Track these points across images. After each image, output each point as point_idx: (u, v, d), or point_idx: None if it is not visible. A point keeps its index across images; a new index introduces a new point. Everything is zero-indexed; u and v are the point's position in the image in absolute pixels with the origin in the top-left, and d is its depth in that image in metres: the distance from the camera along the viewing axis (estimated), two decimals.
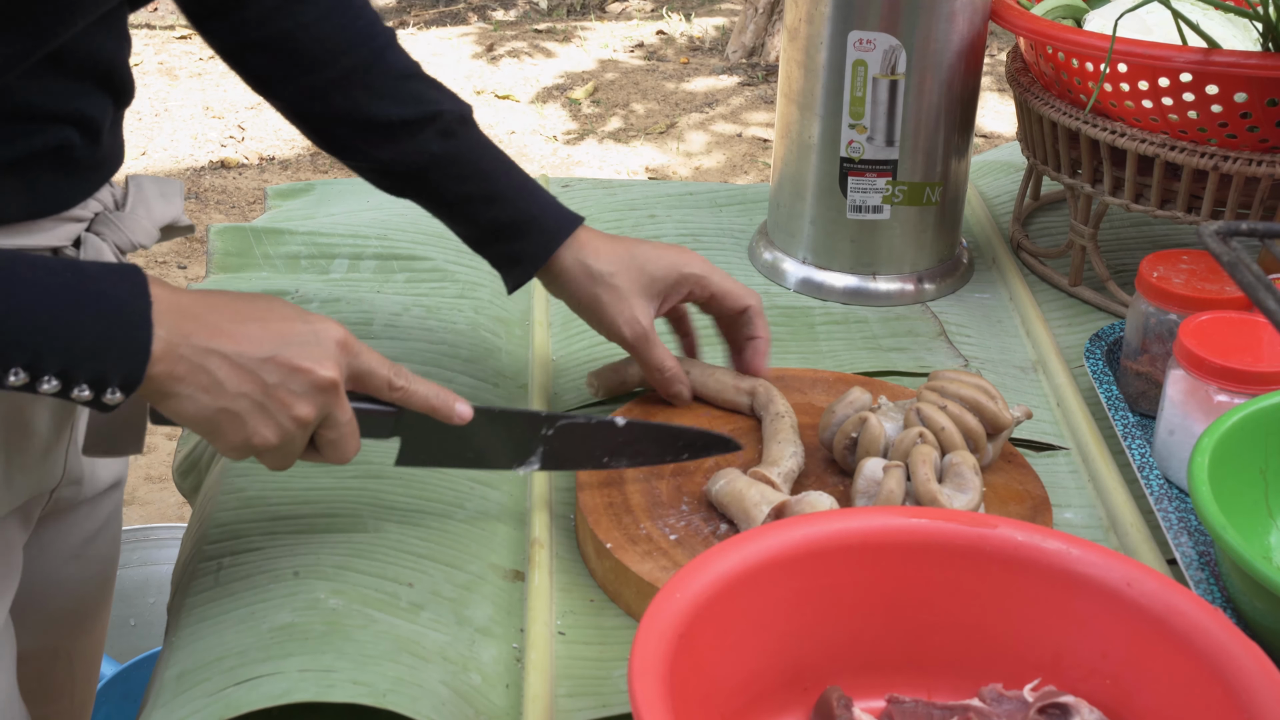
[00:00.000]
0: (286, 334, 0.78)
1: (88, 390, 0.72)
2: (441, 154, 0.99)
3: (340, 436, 0.82)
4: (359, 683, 0.79)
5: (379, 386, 0.83)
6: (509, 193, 1.00)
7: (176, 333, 0.74)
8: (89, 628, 1.13)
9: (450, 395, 0.86)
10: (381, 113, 0.98)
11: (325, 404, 0.79)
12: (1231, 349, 0.98)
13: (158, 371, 0.73)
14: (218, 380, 0.76)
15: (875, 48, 1.19)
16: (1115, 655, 0.74)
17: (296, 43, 0.97)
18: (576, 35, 5.19)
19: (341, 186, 1.46)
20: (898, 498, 0.90)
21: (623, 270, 1.01)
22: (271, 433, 0.78)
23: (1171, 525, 0.94)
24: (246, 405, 0.77)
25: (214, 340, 0.75)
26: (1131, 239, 1.40)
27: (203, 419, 0.77)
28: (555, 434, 0.92)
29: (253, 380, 0.77)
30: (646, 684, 0.64)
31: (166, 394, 0.75)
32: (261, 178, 3.96)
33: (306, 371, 0.78)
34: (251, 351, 0.76)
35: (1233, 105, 1.10)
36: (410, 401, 0.85)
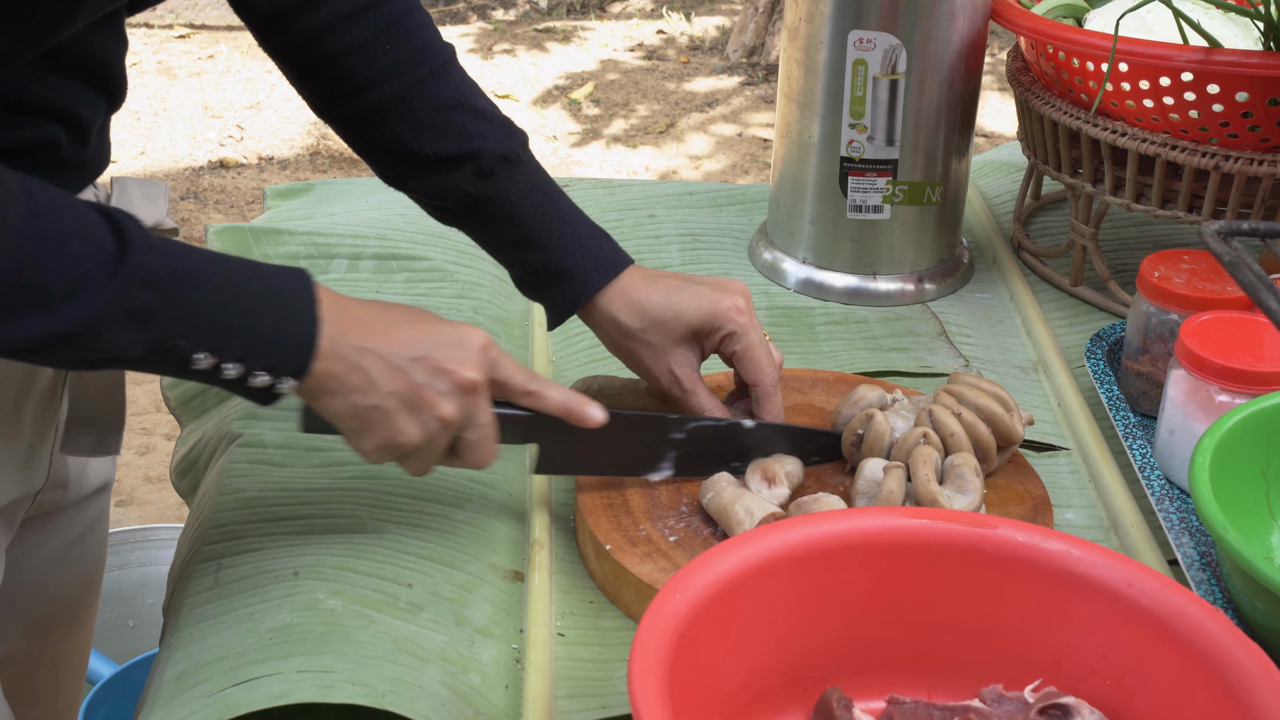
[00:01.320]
0: (434, 336, 0.81)
1: (266, 376, 0.75)
2: (477, 195, 0.97)
3: (481, 439, 0.84)
4: (358, 683, 0.79)
5: (515, 392, 0.86)
6: (544, 240, 0.97)
7: (337, 331, 0.78)
8: (74, 632, 1.12)
9: (584, 400, 0.87)
10: (419, 146, 0.96)
11: (468, 405, 0.82)
12: (1233, 349, 0.97)
13: (320, 367, 0.77)
14: (371, 378, 0.79)
15: (875, 47, 1.19)
16: (1116, 656, 0.74)
17: (343, 66, 0.95)
18: (576, 35, 5.18)
19: (341, 186, 1.46)
20: (898, 498, 0.89)
21: (654, 325, 0.97)
22: (416, 431, 0.81)
23: (1172, 526, 0.93)
24: (396, 403, 0.80)
25: (369, 340, 0.79)
26: (1132, 239, 1.40)
27: (354, 415, 0.80)
28: (686, 438, 0.94)
29: (403, 379, 0.79)
30: (646, 685, 0.64)
31: (323, 390, 0.78)
32: (260, 177, 3.96)
33: (452, 372, 0.81)
34: (403, 351, 0.80)
35: (1234, 104, 1.10)
36: (544, 405, 0.87)
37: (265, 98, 4.44)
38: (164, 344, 0.72)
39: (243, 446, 1.03)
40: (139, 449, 2.69)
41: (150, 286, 0.71)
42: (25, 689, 1.08)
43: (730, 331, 0.97)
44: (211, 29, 5.06)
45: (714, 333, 0.97)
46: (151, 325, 0.72)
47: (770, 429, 0.96)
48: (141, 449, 2.70)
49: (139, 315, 0.71)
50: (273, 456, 1.02)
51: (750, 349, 0.97)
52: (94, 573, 1.11)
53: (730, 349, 0.97)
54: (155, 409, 2.78)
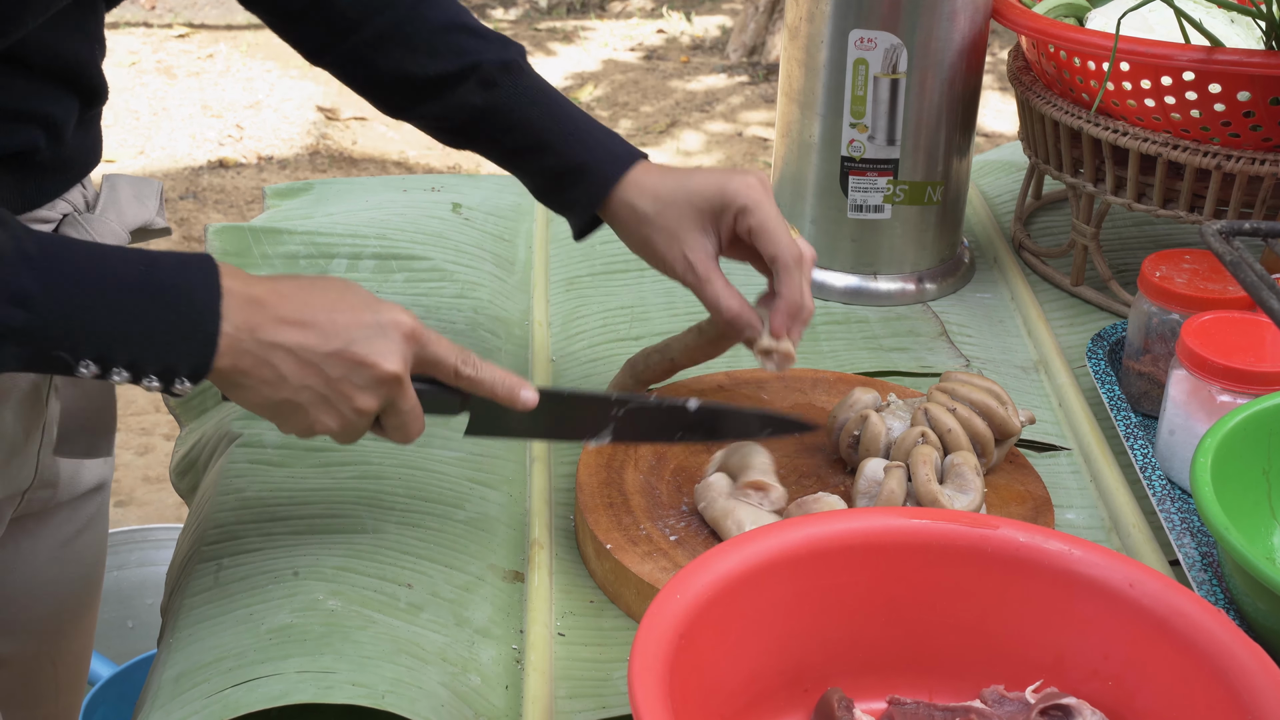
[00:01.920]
0: (352, 327, 0.79)
1: (157, 381, 0.74)
2: (485, 106, 0.97)
3: (403, 423, 0.83)
4: (358, 684, 0.79)
5: (446, 374, 0.84)
6: (556, 141, 0.97)
7: (243, 327, 0.75)
8: (72, 632, 1.12)
9: (516, 382, 0.86)
10: (419, 69, 0.96)
11: (388, 395, 0.81)
12: (1234, 349, 0.97)
13: (224, 364, 0.75)
14: (281, 374, 0.77)
15: (876, 46, 1.19)
16: (1117, 656, 0.74)
17: (333, 7, 0.96)
18: (577, 34, 5.18)
19: (340, 186, 1.46)
20: (899, 498, 0.89)
21: (668, 207, 0.95)
22: (333, 421, 0.80)
23: (1174, 526, 0.93)
24: (309, 397, 0.78)
25: (279, 334, 0.76)
26: (1134, 238, 1.39)
27: (266, 408, 0.79)
28: (625, 415, 0.91)
29: (316, 374, 0.78)
30: (646, 685, 0.64)
31: (232, 384, 0.77)
32: (260, 177, 3.96)
33: (370, 366, 0.79)
34: (316, 346, 0.77)
35: (1235, 104, 1.10)
36: (477, 389, 0.85)
37: (265, 97, 4.44)
38: (44, 355, 0.71)
39: (242, 446, 1.03)
40: (138, 449, 2.69)
41: (21, 303, 0.69)
42: (25, 690, 1.08)
43: (743, 205, 0.93)
44: (211, 28, 5.06)
45: (726, 209, 0.93)
46: (28, 342, 0.70)
47: (712, 411, 0.92)
48: (141, 449, 2.69)
49: (13, 333, 0.69)
50: (272, 456, 1.02)
51: (765, 222, 0.92)
52: (93, 573, 1.11)
53: (746, 225, 0.93)
54: (154, 409, 2.78)
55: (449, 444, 1.04)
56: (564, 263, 1.32)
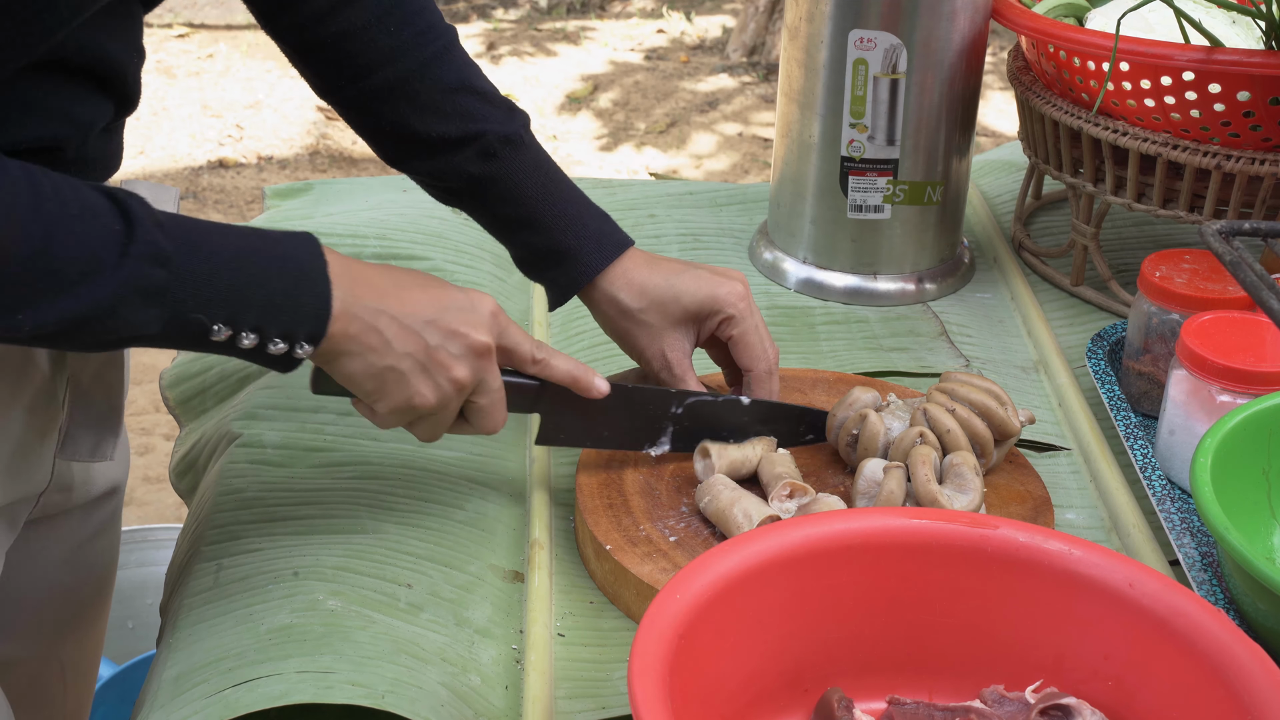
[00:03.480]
0: (446, 300, 0.82)
1: (282, 344, 0.76)
2: (481, 176, 0.98)
3: (491, 403, 0.85)
4: (358, 684, 0.79)
5: (522, 359, 0.87)
6: (547, 220, 0.99)
7: (350, 294, 0.78)
8: (82, 636, 1.11)
9: (589, 370, 0.89)
10: (423, 128, 0.97)
11: (480, 368, 0.83)
12: (1234, 349, 0.97)
13: (335, 330, 0.78)
14: (386, 340, 0.79)
15: (876, 46, 1.19)
16: (1117, 657, 0.74)
17: (347, 48, 0.96)
18: (577, 34, 5.18)
19: (340, 186, 1.46)
20: (898, 498, 0.89)
21: (653, 305, 0.98)
22: (431, 393, 0.82)
23: (1174, 526, 0.93)
24: (410, 365, 0.80)
25: (383, 302, 0.80)
26: (1133, 238, 1.39)
27: (370, 376, 0.80)
28: (684, 412, 0.96)
29: (417, 341, 0.80)
30: (646, 685, 0.64)
31: (340, 352, 0.79)
32: (260, 177, 3.95)
33: (464, 335, 0.82)
34: (416, 313, 0.81)
35: (1235, 104, 1.10)
36: (551, 374, 0.88)
37: (264, 97, 4.44)
38: (181, 318, 0.73)
39: (242, 446, 1.03)
40: (138, 449, 2.69)
41: (161, 263, 0.71)
42: (33, 692, 1.08)
43: (729, 315, 0.99)
44: (210, 28, 5.06)
45: (712, 316, 0.99)
46: (166, 301, 0.72)
47: (766, 406, 0.98)
48: (141, 449, 2.69)
49: (153, 292, 0.71)
50: (272, 456, 1.02)
51: (747, 334, 0.99)
52: (104, 577, 1.10)
53: (728, 333, 0.99)
54: (154, 409, 2.78)
55: (449, 444, 1.04)
56: None
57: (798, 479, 0.93)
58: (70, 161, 0.83)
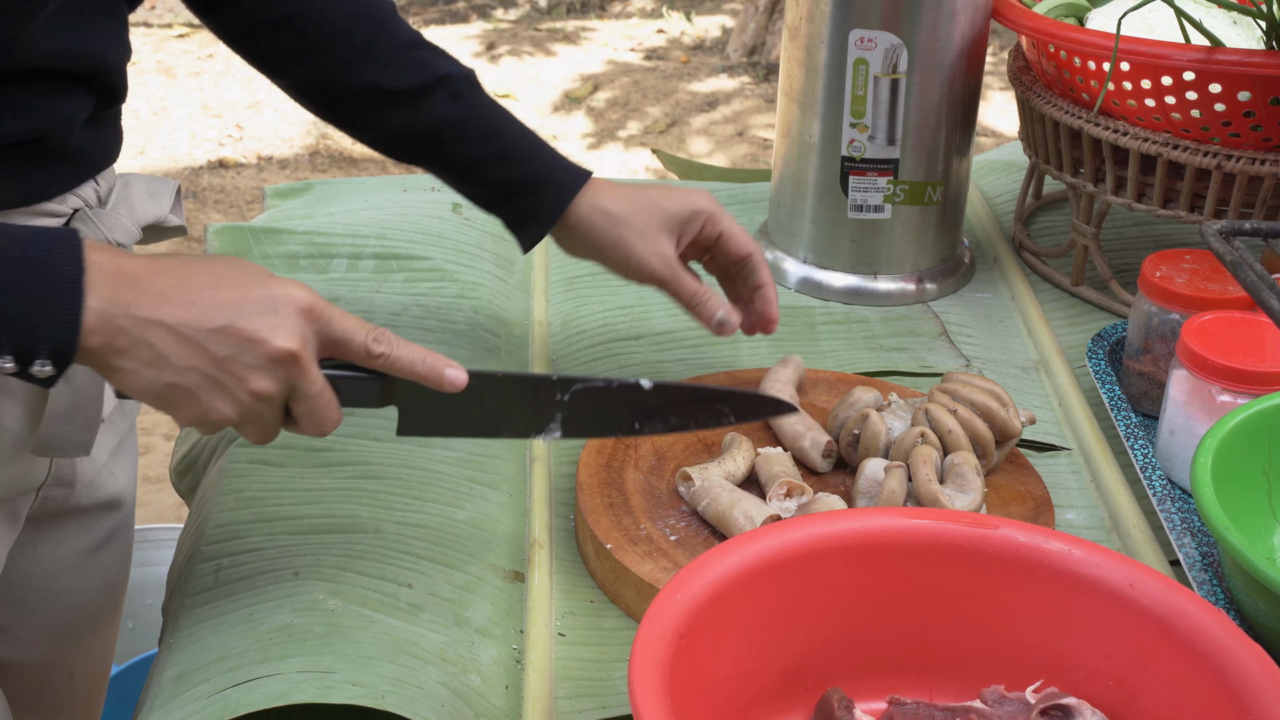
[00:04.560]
0: (240, 302, 0.73)
1: (10, 362, 0.69)
2: (453, 116, 1.01)
3: (312, 409, 0.77)
4: (358, 684, 0.79)
5: (356, 353, 0.77)
6: (521, 151, 1.02)
7: (115, 302, 0.70)
8: (91, 641, 1.10)
9: (440, 360, 0.80)
10: (390, 82, 1.00)
11: (285, 376, 0.74)
12: (1234, 349, 0.97)
13: (94, 344, 0.70)
14: (161, 354, 0.71)
15: (876, 46, 1.19)
16: (1118, 657, 0.73)
17: (303, 23, 0.99)
18: (577, 34, 5.18)
19: (340, 186, 1.46)
20: (899, 498, 0.89)
21: (639, 210, 1.02)
22: (229, 408, 0.74)
23: (1174, 526, 0.93)
24: (197, 379, 0.72)
25: (157, 310, 0.71)
26: (1134, 238, 1.39)
27: (151, 394, 0.73)
28: (572, 399, 0.85)
29: (201, 353, 0.72)
30: (646, 685, 0.64)
31: (109, 367, 0.72)
32: (260, 177, 3.96)
33: (260, 343, 0.73)
34: (199, 322, 0.72)
35: (1236, 104, 1.10)
36: (394, 368, 0.79)
37: (264, 97, 4.44)
38: None
39: (242, 446, 1.03)
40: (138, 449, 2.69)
41: None
42: (40, 696, 1.07)
43: (710, 214, 1.03)
44: None
45: (694, 218, 1.03)
46: None
47: (672, 389, 0.87)
48: (141, 449, 2.69)
49: None
50: (272, 456, 1.02)
51: (731, 227, 1.04)
52: (115, 584, 1.09)
53: (714, 230, 1.04)
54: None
55: (449, 444, 1.04)
56: (564, 263, 1.32)
57: (796, 478, 0.93)
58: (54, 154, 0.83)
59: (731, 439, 0.98)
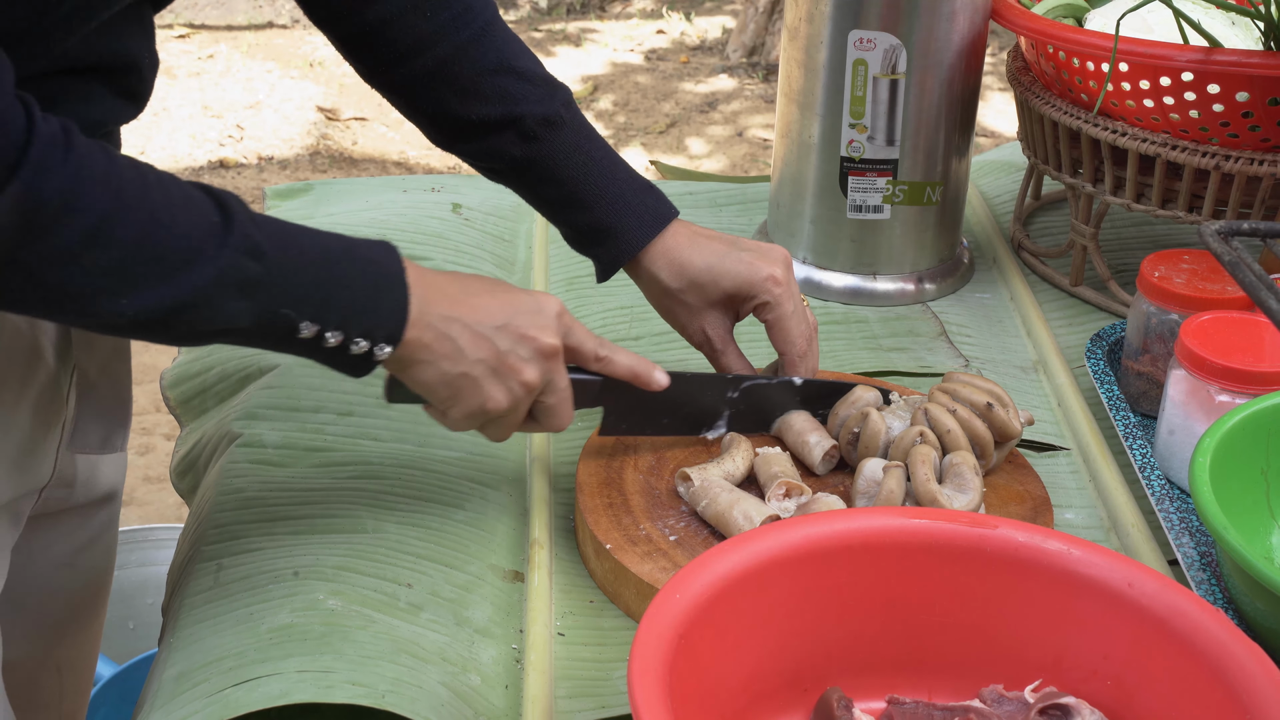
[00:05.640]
0: (514, 305, 0.84)
1: (365, 343, 0.77)
2: (522, 158, 0.99)
3: (559, 402, 0.87)
4: (358, 683, 0.79)
5: (586, 357, 0.89)
6: (588, 199, 1.00)
7: (424, 302, 0.79)
8: (79, 638, 1.12)
9: (650, 364, 0.92)
10: (463, 111, 0.98)
11: (549, 370, 0.85)
12: (1233, 349, 0.97)
13: (411, 336, 0.79)
14: (459, 347, 0.81)
15: (875, 47, 1.19)
16: (1116, 656, 0.74)
17: (386, 34, 0.97)
18: (577, 35, 5.19)
19: (340, 187, 1.46)
20: (898, 498, 0.89)
21: (692, 287, 1.01)
22: (503, 397, 0.83)
23: (1173, 526, 0.93)
24: (483, 370, 0.82)
25: (455, 309, 0.81)
26: (1133, 239, 1.39)
27: (444, 383, 0.82)
28: (740, 396, 0.99)
29: (488, 347, 0.82)
30: (646, 685, 0.64)
31: (414, 360, 0.80)
32: (260, 177, 3.96)
33: (533, 339, 0.83)
34: (487, 320, 0.82)
35: (1234, 104, 1.10)
36: (614, 370, 0.90)
37: (265, 98, 4.44)
38: (272, 313, 0.74)
39: (242, 446, 1.03)
40: (139, 449, 2.69)
41: (256, 256, 0.73)
42: (29, 693, 1.08)
43: (764, 301, 1.00)
44: (211, 29, 5.06)
45: (748, 300, 1.01)
46: (260, 294, 0.73)
47: (818, 385, 1.01)
48: (141, 449, 2.69)
49: (248, 284, 0.72)
50: (273, 456, 1.02)
51: (782, 319, 1.01)
52: (102, 578, 1.11)
53: (764, 317, 1.02)
54: (155, 409, 2.78)
55: (449, 444, 1.04)
56: (564, 263, 1.32)
57: (794, 478, 0.93)
58: None
59: (731, 439, 0.99)
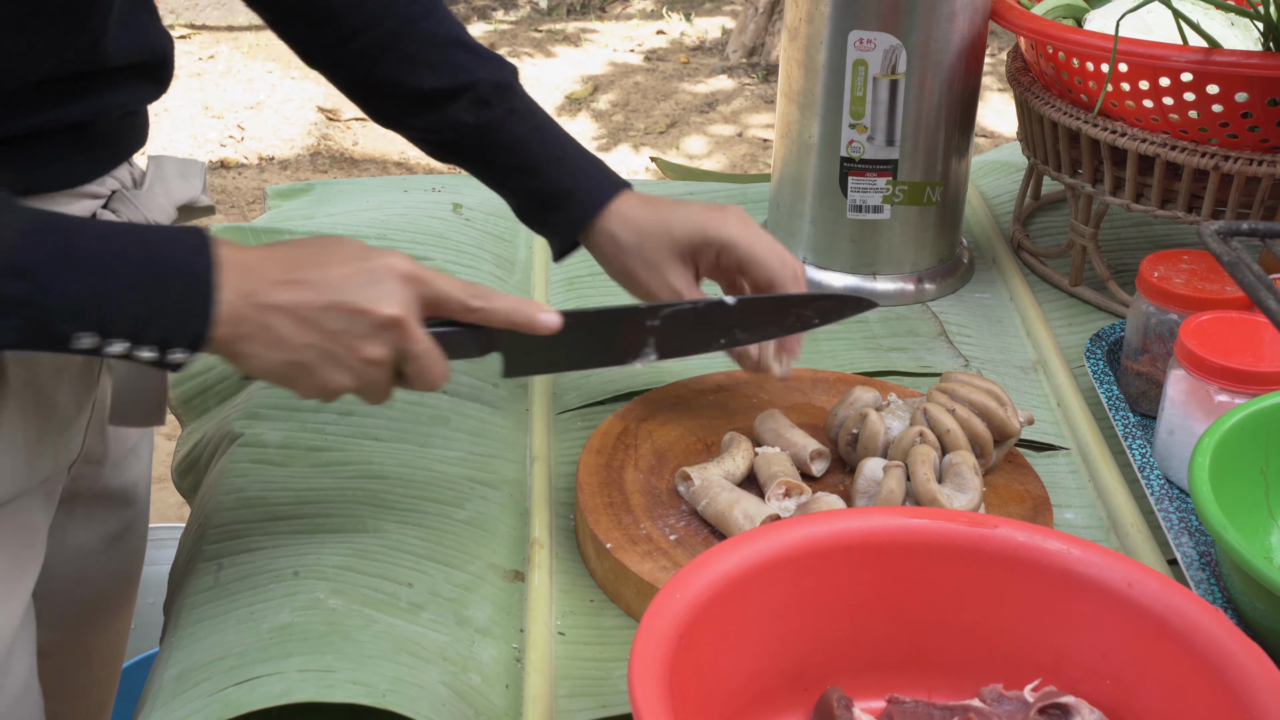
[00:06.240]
0: (345, 277, 0.78)
1: (153, 352, 0.74)
2: (476, 125, 0.98)
3: (421, 368, 0.82)
4: (358, 683, 0.79)
5: (456, 310, 0.83)
6: (544, 164, 1.00)
7: (238, 293, 0.75)
8: (109, 627, 1.13)
9: (532, 306, 0.86)
10: (415, 81, 0.98)
11: (395, 340, 0.80)
12: (1232, 349, 0.98)
13: (223, 334, 0.75)
14: (281, 336, 0.76)
15: (875, 47, 1.19)
16: (1116, 656, 0.74)
17: (333, 9, 0.97)
18: (577, 36, 5.19)
19: (341, 186, 1.46)
20: (898, 498, 0.89)
21: (648, 239, 0.98)
22: (346, 377, 0.79)
23: (1172, 525, 0.94)
24: (314, 355, 0.78)
25: (274, 295, 0.76)
26: (1132, 239, 1.40)
27: (274, 373, 0.78)
28: (662, 323, 0.92)
29: (316, 330, 0.77)
30: (646, 684, 0.64)
31: (235, 353, 0.76)
32: (261, 178, 3.96)
33: (369, 312, 0.78)
34: (311, 301, 0.77)
35: (1233, 105, 1.10)
36: (491, 320, 0.85)
37: (266, 98, 4.45)
38: (42, 328, 0.71)
39: (243, 446, 1.03)
40: None
41: (22, 275, 0.69)
42: (61, 680, 1.08)
43: (723, 243, 0.97)
44: (212, 29, 5.06)
45: (706, 247, 0.98)
46: (26, 312, 0.70)
47: (757, 302, 0.94)
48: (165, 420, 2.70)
49: (13, 305, 0.69)
50: (273, 456, 1.02)
51: (752, 253, 0.96)
52: (134, 566, 1.12)
53: (732, 259, 0.98)
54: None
55: (449, 444, 1.04)
56: (564, 263, 1.32)
57: (794, 478, 0.93)
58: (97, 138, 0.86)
59: (730, 439, 0.99)
